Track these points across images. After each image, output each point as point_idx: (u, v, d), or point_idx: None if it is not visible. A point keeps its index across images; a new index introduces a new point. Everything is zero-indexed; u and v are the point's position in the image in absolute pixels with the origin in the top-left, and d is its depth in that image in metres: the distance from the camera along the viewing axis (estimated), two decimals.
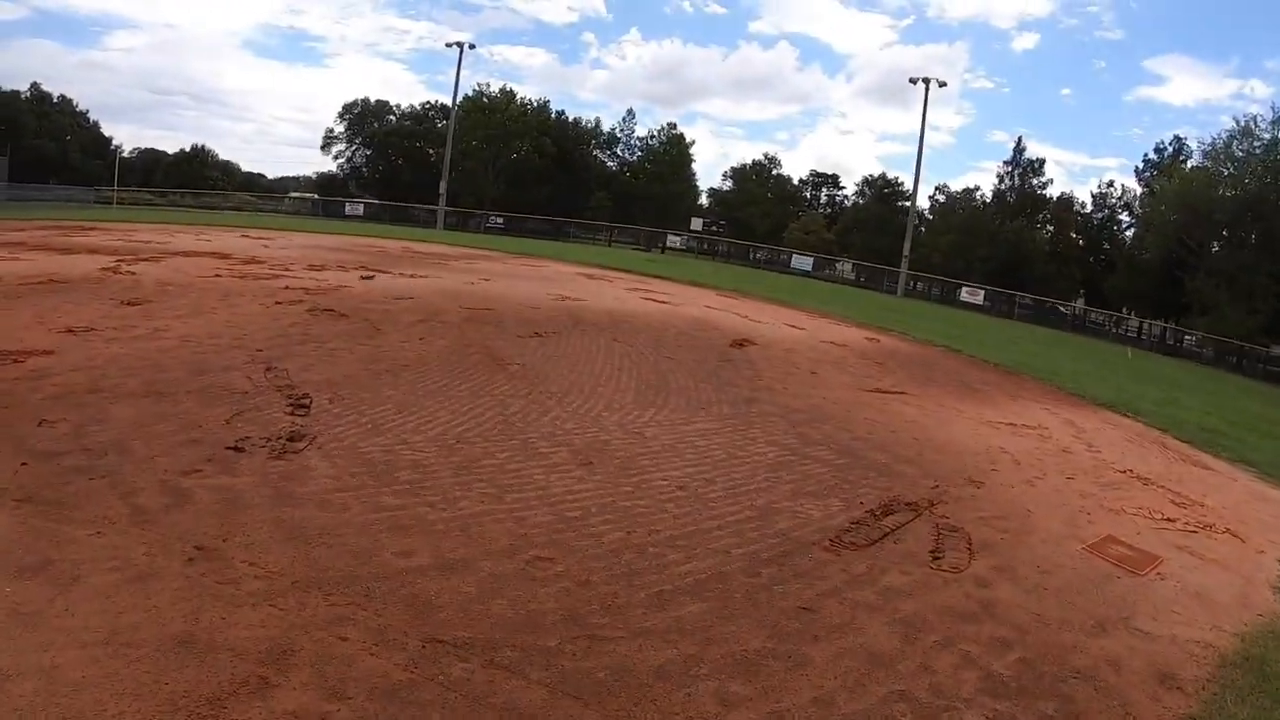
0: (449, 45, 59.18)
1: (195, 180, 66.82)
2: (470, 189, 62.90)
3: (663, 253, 53.74)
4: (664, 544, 5.00)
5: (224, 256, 20.01)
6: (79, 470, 5.13)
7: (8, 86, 70.14)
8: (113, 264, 16.70)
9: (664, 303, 18.95)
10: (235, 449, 5.70)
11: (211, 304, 11.99)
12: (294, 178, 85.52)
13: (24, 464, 5.10)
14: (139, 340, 8.81)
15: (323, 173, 79.36)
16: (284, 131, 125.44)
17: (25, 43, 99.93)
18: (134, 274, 15.61)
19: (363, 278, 18.10)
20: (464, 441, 6.49)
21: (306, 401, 6.97)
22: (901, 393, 11.16)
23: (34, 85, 70.87)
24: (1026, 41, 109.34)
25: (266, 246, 23.56)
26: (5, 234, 22.96)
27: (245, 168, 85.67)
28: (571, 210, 61.77)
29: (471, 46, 60.18)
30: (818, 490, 6.45)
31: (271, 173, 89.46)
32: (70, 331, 8.88)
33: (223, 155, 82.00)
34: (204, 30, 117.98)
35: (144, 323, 9.85)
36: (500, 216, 56.95)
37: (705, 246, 56.38)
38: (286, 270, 17.92)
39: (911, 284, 50.14)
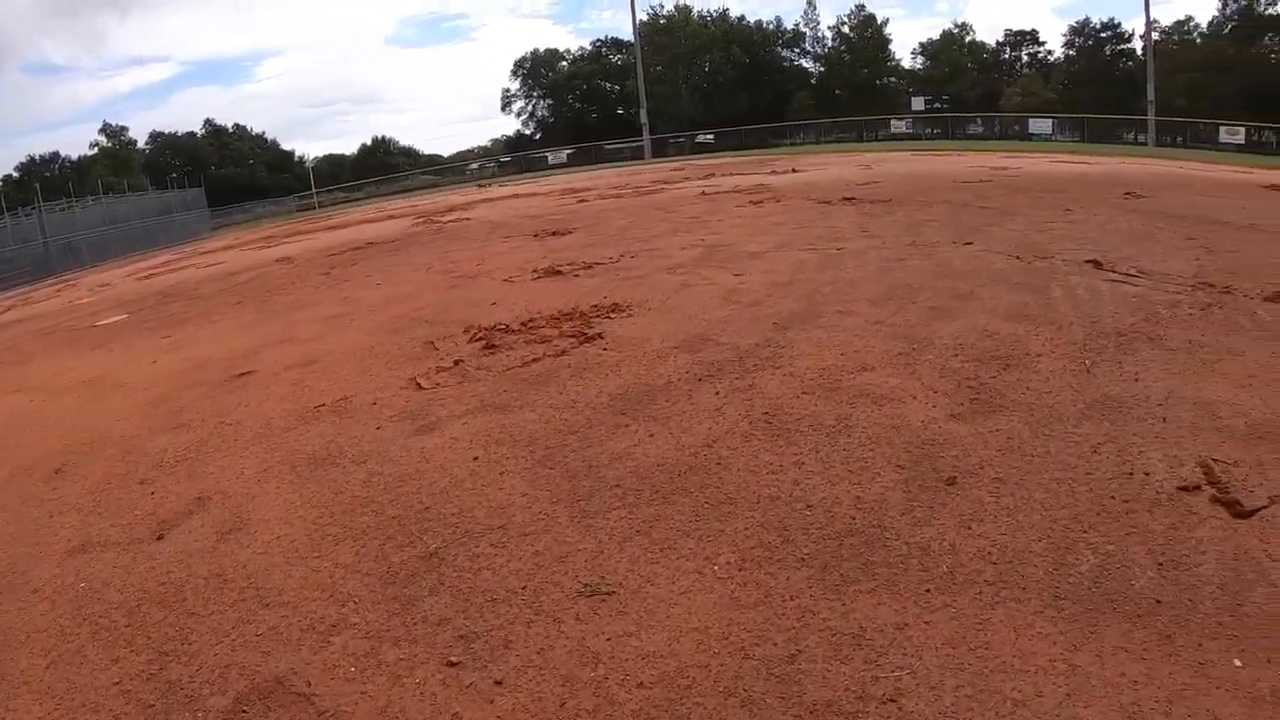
0: None
1: (383, 169, 71.37)
2: (665, 114, 64.45)
3: (877, 138, 53.96)
4: None
5: (540, 195, 22.56)
6: None
7: (183, 131, 78.11)
8: (420, 223, 18.48)
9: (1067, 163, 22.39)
10: None
11: (658, 217, 13.31)
12: (470, 150, 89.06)
13: None
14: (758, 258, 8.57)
15: (497, 139, 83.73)
16: (449, 111, 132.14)
17: (185, 94, 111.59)
18: (467, 219, 17.46)
19: (773, 172, 20.37)
20: None
21: None
22: None
23: (207, 121, 78.04)
24: None
25: (571, 186, 25.94)
26: (245, 238, 26.00)
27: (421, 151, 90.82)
28: (773, 116, 62.60)
29: None
30: None
31: (446, 151, 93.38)
32: (555, 272, 9.08)
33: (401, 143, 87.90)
34: (347, 40, 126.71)
35: (681, 236, 11.58)
36: (709, 133, 58.24)
37: (932, 130, 55.39)
38: (666, 185, 20.17)
39: (1132, 134, 48.87)
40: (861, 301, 6.28)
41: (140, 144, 76.26)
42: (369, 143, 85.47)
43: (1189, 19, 62.15)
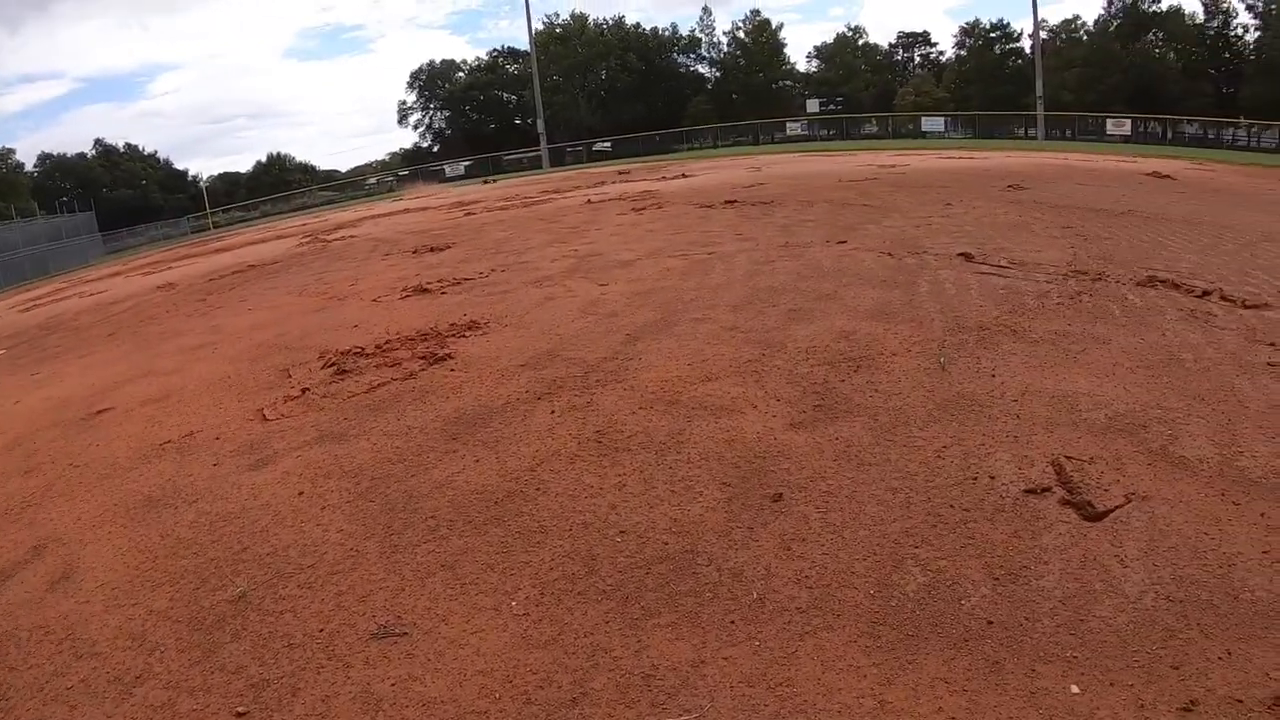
0: None
1: (280, 187, 69.84)
2: (563, 123, 64.49)
3: (773, 141, 54.73)
4: None
5: (431, 209, 21.86)
6: None
7: (73, 152, 75.06)
8: (306, 243, 17.90)
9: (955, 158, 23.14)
10: None
11: (554, 225, 13.09)
12: (368, 164, 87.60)
13: None
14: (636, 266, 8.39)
15: (394, 152, 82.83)
16: (347, 125, 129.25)
17: (77, 112, 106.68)
18: (353, 237, 16.94)
19: (663, 178, 20.15)
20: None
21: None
22: None
23: (98, 141, 75.14)
24: None
25: (463, 198, 25.26)
26: (134, 263, 25.16)
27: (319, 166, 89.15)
28: (670, 122, 63.16)
29: None
30: None
31: (344, 166, 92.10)
32: (423, 290, 8.58)
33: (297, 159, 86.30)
34: (242, 53, 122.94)
35: (561, 245, 11.13)
36: (607, 140, 58.52)
37: (828, 131, 55.87)
38: (556, 194, 19.84)
39: (1022, 128, 50.78)
40: (721, 308, 6.08)
41: (29, 167, 73.53)
42: (264, 160, 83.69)
43: (1076, 17, 64.46)
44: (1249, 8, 59.43)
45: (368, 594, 3.01)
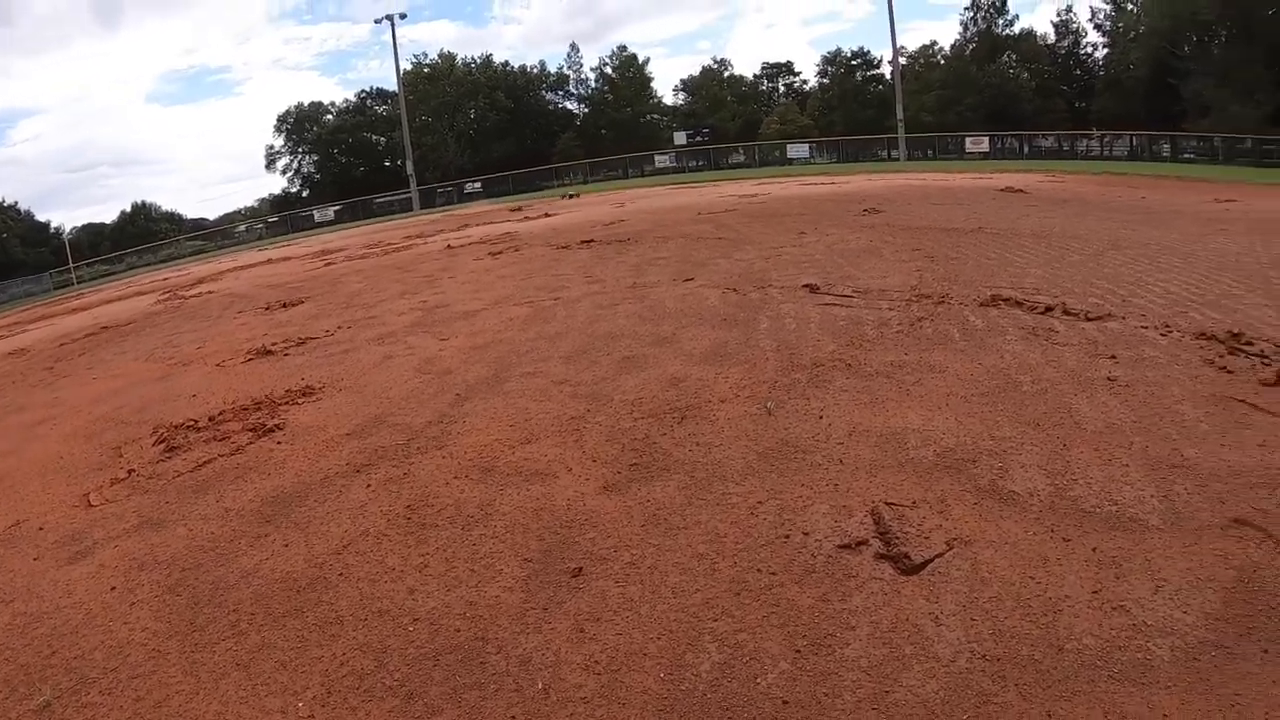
0: (378, 21, 60.79)
1: (146, 237, 67.61)
2: (433, 163, 64.68)
3: (643, 174, 55.36)
4: None
5: (294, 259, 21.38)
6: None
7: None
8: (164, 299, 17.21)
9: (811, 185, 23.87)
10: None
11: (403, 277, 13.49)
12: (237, 212, 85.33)
13: None
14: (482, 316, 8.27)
15: (263, 198, 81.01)
16: (215, 171, 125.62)
17: None
18: (211, 292, 16.34)
19: (526, 218, 20.33)
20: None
21: None
22: None
23: None
24: None
25: (327, 246, 24.44)
26: None
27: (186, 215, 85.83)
28: (540, 159, 63.23)
29: (403, 16, 58.03)
30: None
31: (212, 213, 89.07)
32: (267, 352, 8.31)
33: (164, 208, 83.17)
34: (105, 98, 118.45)
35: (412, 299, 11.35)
36: (477, 180, 58.28)
37: (696, 162, 56.79)
38: (419, 239, 19.68)
39: (885, 151, 52.87)
40: (555, 359, 5.95)
41: None
42: (129, 209, 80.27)
43: (934, 43, 68.06)
44: (1097, 27, 62.69)
45: (164, 699, 2.83)
